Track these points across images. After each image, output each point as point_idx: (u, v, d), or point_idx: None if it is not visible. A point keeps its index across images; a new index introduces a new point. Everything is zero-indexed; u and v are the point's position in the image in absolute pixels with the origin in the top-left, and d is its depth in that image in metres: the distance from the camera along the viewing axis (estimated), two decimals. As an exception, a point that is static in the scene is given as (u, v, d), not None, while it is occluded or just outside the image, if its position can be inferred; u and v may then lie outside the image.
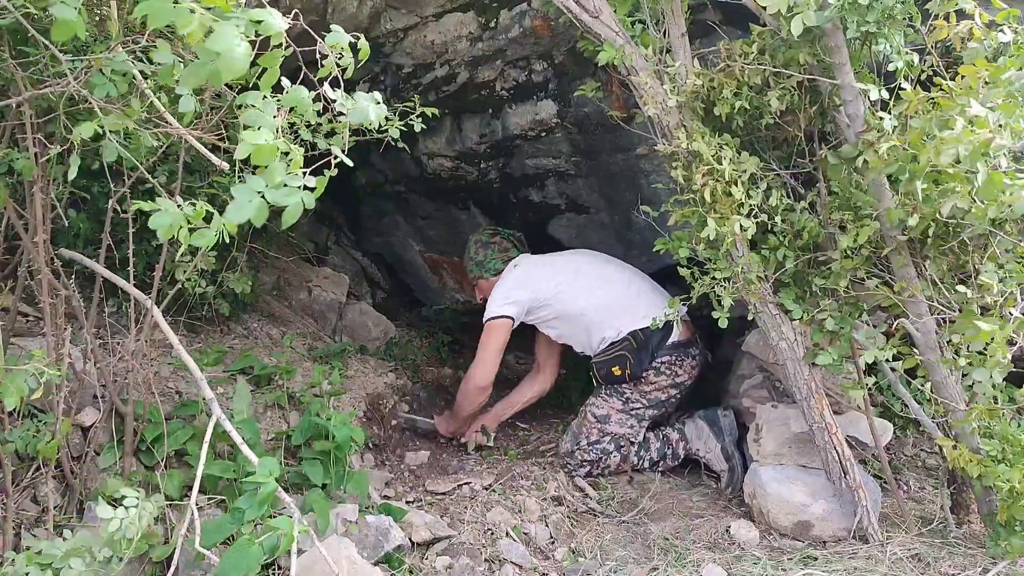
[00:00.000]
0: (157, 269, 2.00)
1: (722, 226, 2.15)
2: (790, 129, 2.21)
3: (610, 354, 3.07)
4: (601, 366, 3.08)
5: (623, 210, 3.57)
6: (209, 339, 2.98)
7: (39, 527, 1.84)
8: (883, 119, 1.91)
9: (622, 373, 3.04)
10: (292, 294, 3.80)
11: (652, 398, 3.08)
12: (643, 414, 3.09)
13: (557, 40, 3.00)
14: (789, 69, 2.09)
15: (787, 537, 2.47)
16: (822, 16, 1.87)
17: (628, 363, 3.03)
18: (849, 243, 2.09)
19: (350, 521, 2.08)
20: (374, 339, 3.92)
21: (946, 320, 2.07)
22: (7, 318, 2.14)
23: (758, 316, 2.34)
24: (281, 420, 2.63)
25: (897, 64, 1.97)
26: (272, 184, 1.15)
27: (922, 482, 2.92)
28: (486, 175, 3.73)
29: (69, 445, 1.99)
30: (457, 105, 3.41)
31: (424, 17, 3.11)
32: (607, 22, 2.34)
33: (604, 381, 3.11)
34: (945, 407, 2.18)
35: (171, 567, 1.72)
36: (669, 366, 3.08)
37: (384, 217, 4.46)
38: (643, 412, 3.09)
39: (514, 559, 2.26)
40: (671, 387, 3.09)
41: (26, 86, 1.59)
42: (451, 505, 2.54)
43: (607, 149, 3.30)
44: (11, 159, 1.74)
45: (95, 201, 2.54)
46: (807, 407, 2.36)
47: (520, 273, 3.24)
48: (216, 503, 2.10)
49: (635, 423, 3.08)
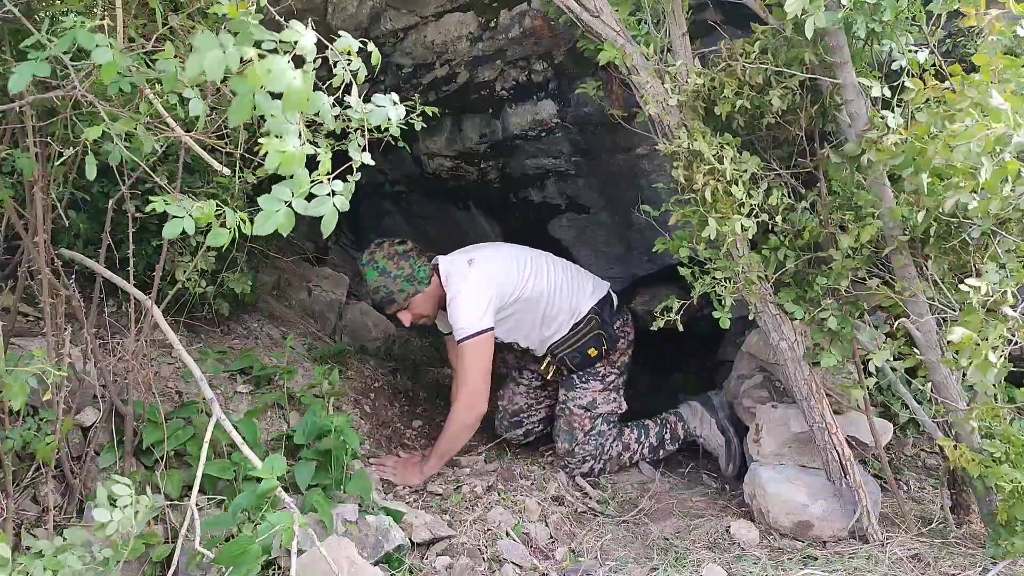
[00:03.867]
0: (157, 269, 2.00)
1: (723, 226, 2.15)
2: (791, 128, 2.21)
3: (579, 338, 2.98)
4: (574, 354, 2.98)
5: (623, 210, 3.57)
6: (209, 339, 2.98)
7: (39, 527, 1.84)
8: (886, 117, 1.91)
9: (599, 352, 3.00)
10: (292, 294, 3.80)
11: (620, 364, 3.13)
12: (618, 384, 3.14)
13: (557, 40, 3.00)
14: (791, 68, 2.09)
15: (787, 537, 2.47)
16: (833, 17, 1.86)
17: (603, 340, 3.00)
18: (850, 243, 2.09)
19: (350, 521, 2.07)
20: (374, 339, 3.92)
21: (947, 320, 2.07)
22: (7, 318, 2.14)
23: (758, 316, 2.34)
24: (281, 420, 2.63)
25: (901, 62, 1.97)
26: (298, 193, 1.15)
27: (922, 482, 2.92)
28: (486, 175, 3.73)
29: (69, 445, 1.99)
30: (457, 105, 3.41)
31: (424, 17, 3.11)
32: (608, 21, 2.34)
33: (578, 368, 3.02)
34: (945, 407, 2.18)
35: (171, 567, 1.72)
36: (622, 328, 3.14)
37: (384, 217, 4.46)
38: (618, 382, 3.14)
39: (514, 559, 2.26)
40: (629, 348, 3.17)
41: (29, 88, 1.59)
42: (451, 505, 2.54)
43: (607, 149, 3.30)
44: (13, 159, 1.74)
45: (95, 201, 2.54)
46: (807, 407, 2.36)
47: (478, 272, 2.77)
48: (216, 503, 2.10)
49: (616, 396, 3.12)
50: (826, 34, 1.95)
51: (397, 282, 2.76)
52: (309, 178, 1.16)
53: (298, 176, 1.15)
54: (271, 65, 1.05)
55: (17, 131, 1.77)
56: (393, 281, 2.75)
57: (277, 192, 1.15)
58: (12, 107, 1.47)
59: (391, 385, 3.49)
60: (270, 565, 1.87)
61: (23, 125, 1.67)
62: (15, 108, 1.51)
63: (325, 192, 1.19)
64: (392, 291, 2.76)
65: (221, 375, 2.68)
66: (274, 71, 1.06)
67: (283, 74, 1.06)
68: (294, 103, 1.08)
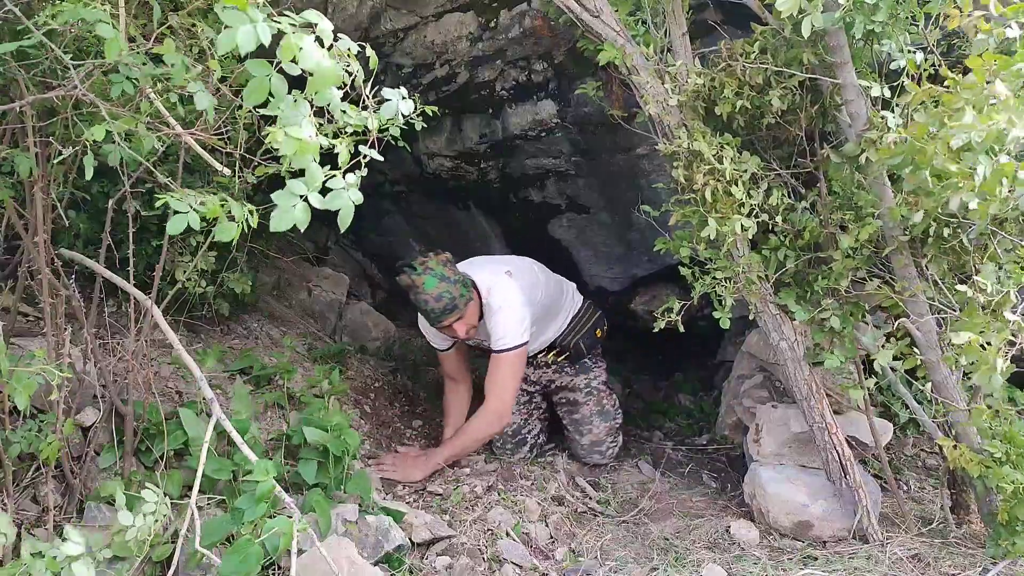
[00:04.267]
0: (157, 269, 2.00)
1: (723, 226, 2.15)
2: (791, 129, 2.21)
3: (584, 324, 3.18)
4: (585, 336, 3.16)
5: (623, 210, 3.57)
6: (209, 339, 2.98)
7: (39, 527, 1.84)
8: (886, 117, 1.91)
9: (603, 332, 3.23)
10: (292, 294, 3.80)
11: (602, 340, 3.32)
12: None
13: (557, 40, 3.00)
14: (790, 68, 2.09)
15: (787, 537, 2.47)
16: (830, 18, 1.86)
17: (604, 321, 3.26)
18: (850, 243, 2.09)
19: (350, 521, 2.07)
20: (374, 339, 3.92)
21: (947, 320, 2.07)
22: (7, 318, 2.14)
23: (759, 316, 2.34)
24: (281, 420, 2.63)
25: (900, 63, 1.97)
26: (312, 187, 1.12)
27: (922, 482, 2.92)
28: (486, 175, 3.73)
29: (69, 445, 1.99)
30: (457, 105, 3.41)
31: (424, 17, 3.11)
32: (608, 21, 2.34)
33: (589, 351, 3.21)
34: (945, 407, 2.18)
35: (171, 567, 1.72)
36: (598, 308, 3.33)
37: (384, 217, 4.46)
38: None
39: (514, 559, 2.26)
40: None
41: (28, 87, 1.59)
42: (451, 505, 2.53)
43: (607, 149, 3.31)
44: (12, 159, 1.74)
45: (95, 201, 2.54)
46: (807, 407, 2.36)
47: (515, 287, 2.79)
48: (216, 503, 2.10)
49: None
50: (826, 34, 1.95)
51: (457, 287, 2.65)
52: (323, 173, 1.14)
53: (311, 170, 1.12)
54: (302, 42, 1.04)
55: (17, 131, 1.77)
56: (454, 286, 2.64)
57: (292, 187, 1.12)
58: (12, 107, 1.47)
59: (391, 385, 3.49)
60: (270, 565, 1.87)
61: (23, 125, 1.67)
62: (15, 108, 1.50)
63: (341, 186, 1.16)
64: (455, 296, 2.64)
65: (221, 375, 2.68)
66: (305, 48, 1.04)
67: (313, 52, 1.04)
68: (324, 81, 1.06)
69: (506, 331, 2.71)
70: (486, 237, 4.20)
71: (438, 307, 2.63)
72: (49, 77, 1.63)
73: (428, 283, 2.61)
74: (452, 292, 2.63)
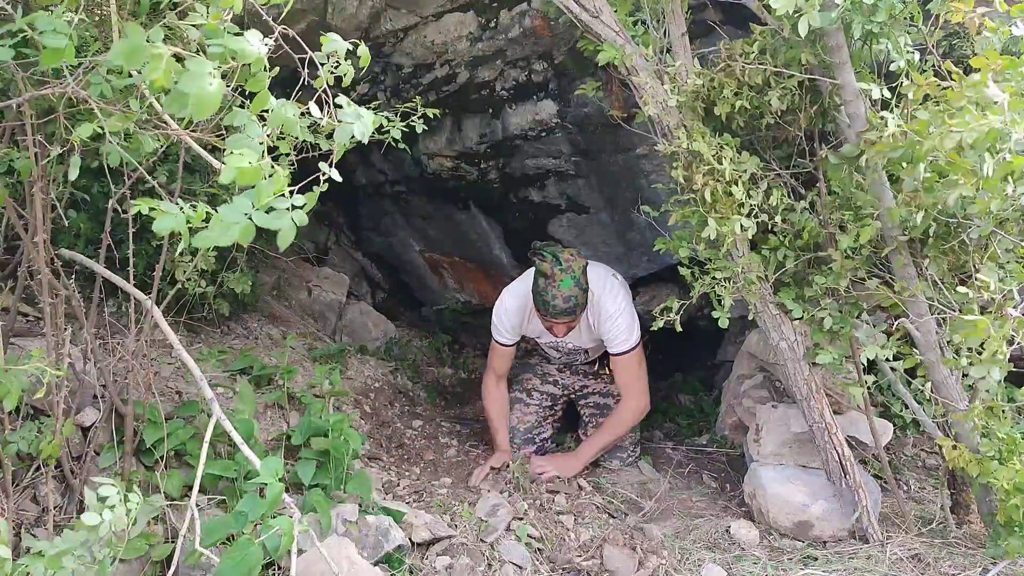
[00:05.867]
0: (157, 269, 2.00)
1: (722, 226, 2.15)
2: (790, 129, 2.21)
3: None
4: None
5: (623, 210, 3.57)
6: (209, 339, 2.98)
7: (39, 527, 1.84)
8: (885, 118, 1.91)
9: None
10: (292, 294, 3.80)
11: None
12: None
13: (557, 40, 3.00)
14: (790, 69, 2.09)
15: (787, 537, 2.47)
16: (828, 17, 1.86)
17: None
18: (850, 243, 2.09)
19: (350, 521, 2.07)
20: (374, 339, 3.92)
21: (946, 320, 2.07)
22: (7, 318, 2.14)
23: (758, 316, 2.34)
24: (281, 420, 2.63)
25: (899, 63, 1.97)
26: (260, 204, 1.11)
27: (922, 482, 2.92)
28: (486, 175, 3.73)
29: (69, 445, 1.99)
30: (457, 105, 3.41)
31: (424, 17, 3.11)
32: (607, 22, 2.34)
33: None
34: (945, 407, 2.18)
35: (171, 567, 1.72)
36: None
37: (384, 217, 4.46)
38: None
39: (514, 559, 2.26)
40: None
41: (26, 87, 1.59)
42: (451, 505, 2.53)
43: (607, 149, 3.31)
44: (11, 159, 1.74)
45: (95, 201, 2.54)
46: (807, 407, 2.36)
47: (624, 291, 2.97)
48: (216, 503, 2.10)
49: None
50: (825, 34, 1.95)
51: (584, 296, 2.75)
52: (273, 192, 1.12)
53: (260, 187, 1.10)
54: (193, 65, 1.04)
55: (16, 130, 1.77)
56: (583, 294, 2.74)
57: (238, 203, 1.11)
58: (9, 104, 1.47)
59: (391, 385, 3.49)
60: (270, 565, 1.87)
61: (22, 123, 1.67)
62: (13, 107, 1.50)
63: (285, 206, 1.14)
64: (581, 304, 2.74)
65: (221, 375, 2.68)
66: (192, 71, 1.04)
67: (199, 77, 1.04)
68: (201, 108, 1.05)
69: (628, 332, 2.88)
70: (486, 237, 4.20)
71: (564, 307, 2.71)
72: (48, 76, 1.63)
73: (565, 283, 2.69)
74: (580, 300, 2.73)
